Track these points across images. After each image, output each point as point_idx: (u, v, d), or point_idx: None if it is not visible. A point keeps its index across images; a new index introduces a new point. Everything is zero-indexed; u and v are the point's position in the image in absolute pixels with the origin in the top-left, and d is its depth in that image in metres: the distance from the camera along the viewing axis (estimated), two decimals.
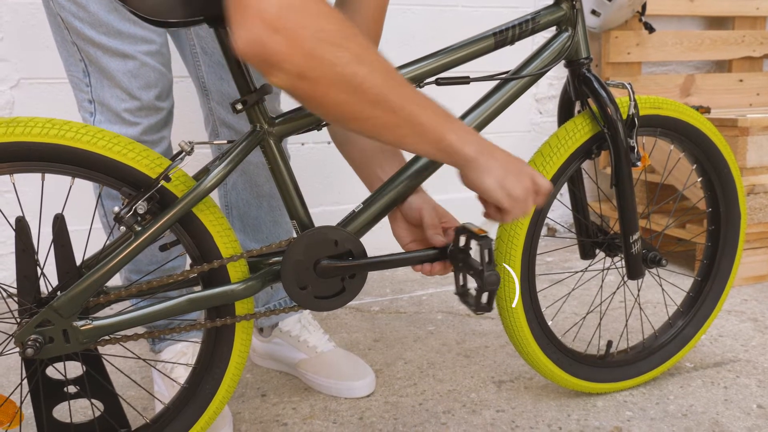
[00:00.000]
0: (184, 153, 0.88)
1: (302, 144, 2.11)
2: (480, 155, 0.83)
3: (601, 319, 1.42)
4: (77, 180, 0.89)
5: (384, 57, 0.75)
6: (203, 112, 1.30)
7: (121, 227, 0.86)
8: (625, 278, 1.20)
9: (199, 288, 0.95)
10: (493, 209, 0.91)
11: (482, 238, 0.91)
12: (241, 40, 0.67)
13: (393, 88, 0.75)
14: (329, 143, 2.13)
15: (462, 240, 0.95)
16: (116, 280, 1.14)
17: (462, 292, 0.96)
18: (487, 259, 0.91)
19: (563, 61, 1.11)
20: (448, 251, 0.98)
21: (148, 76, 1.09)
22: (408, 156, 1.04)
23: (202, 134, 1.35)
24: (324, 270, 0.94)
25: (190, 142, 0.88)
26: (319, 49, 0.68)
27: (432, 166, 1.02)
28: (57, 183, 1.06)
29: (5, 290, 0.89)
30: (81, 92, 1.10)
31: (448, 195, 1.02)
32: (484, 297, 0.93)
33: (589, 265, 1.32)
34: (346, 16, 1.03)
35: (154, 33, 1.09)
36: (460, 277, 0.98)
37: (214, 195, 0.97)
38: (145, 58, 1.08)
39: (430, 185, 1.07)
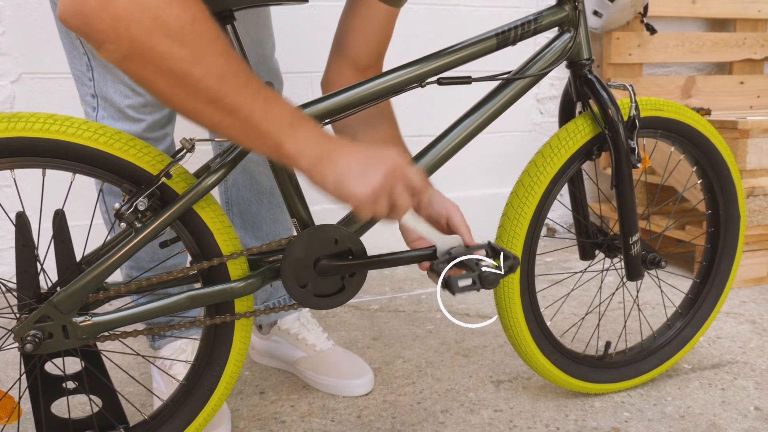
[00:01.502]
0: (185, 150, 0.88)
1: None
2: (315, 165, 0.78)
3: (599, 320, 1.42)
4: (78, 175, 0.89)
5: (230, 56, 0.70)
6: None
7: (122, 223, 0.86)
8: (625, 279, 1.20)
9: (198, 285, 0.95)
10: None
11: (510, 258, 0.91)
12: (64, 5, 0.62)
13: (231, 89, 0.70)
14: None
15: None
16: (116, 276, 1.14)
17: (435, 269, 0.94)
18: (504, 271, 0.91)
19: (565, 62, 1.11)
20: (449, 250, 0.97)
21: None
22: (412, 152, 1.04)
23: (203, 131, 1.35)
24: (324, 268, 0.94)
25: (191, 140, 0.88)
26: (150, 40, 0.63)
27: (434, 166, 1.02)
28: (58, 178, 1.06)
29: (5, 285, 0.89)
30: (84, 86, 1.10)
31: (450, 194, 1.02)
32: (463, 283, 0.91)
33: (589, 266, 1.32)
34: (354, 27, 1.03)
35: None
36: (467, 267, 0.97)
37: (215, 192, 0.97)
38: None
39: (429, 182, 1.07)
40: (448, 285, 0.88)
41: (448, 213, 1.00)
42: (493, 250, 0.95)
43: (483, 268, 0.90)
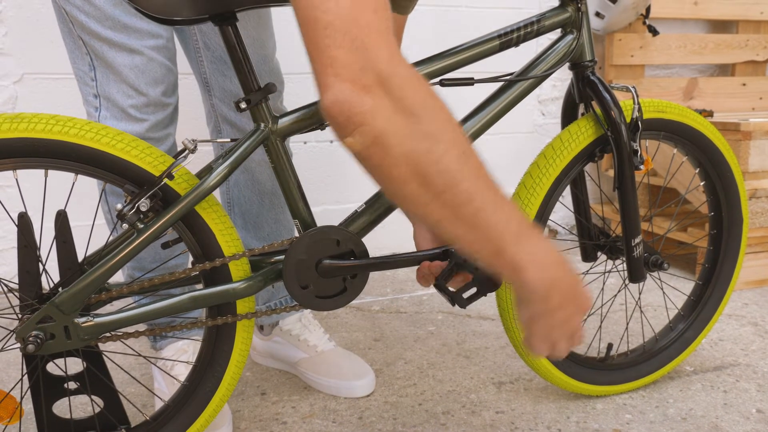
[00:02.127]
0: (187, 151, 0.88)
1: (305, 143, 2.11)
2: (541, 286, 0.72)
3: (601, 322, 1.42)
4: (80, 176, 0.89)
5: (466, 139, 0.68)
6: (205, 108, 1.30)
7: (124, 224, 0.86)
8: (627, 281, 1.20)
9: (200, 286, 0.95)
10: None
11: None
12: (330, 99, 0.63)
13: (465, 177, 0.66)
14: (332, 142, 2.13)
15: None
16: (118, 277, 1.14)
17: (438, 285, 0.94)
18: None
19: (568, 64, 1.10)
20: (449, 251, 0.97)
21: (155, 71, 1.08)
22: None
23: (205, 132, 1.35)
24: (326, 270, 0.94)
25: (193, 140, 0.88)
26: (399, 118, 0.64)
27: None
28: (60, 179, 1.06)
29: (7, 285, 0.89)
30: (86, 86, 1.10)
31: None
32: (468, 293, 0.91)
33: (591, 268, 1.31)
34: None
35: (160, 27, 1.08)
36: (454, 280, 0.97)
37: (216, 192, 0.97)
38: (152, 53, 1.07)
39: None
40: (455, 301, 0.89)
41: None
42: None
43: (482, 272, 0.91)
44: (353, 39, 0.62)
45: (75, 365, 0.92)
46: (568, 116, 1.19)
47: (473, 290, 0.90)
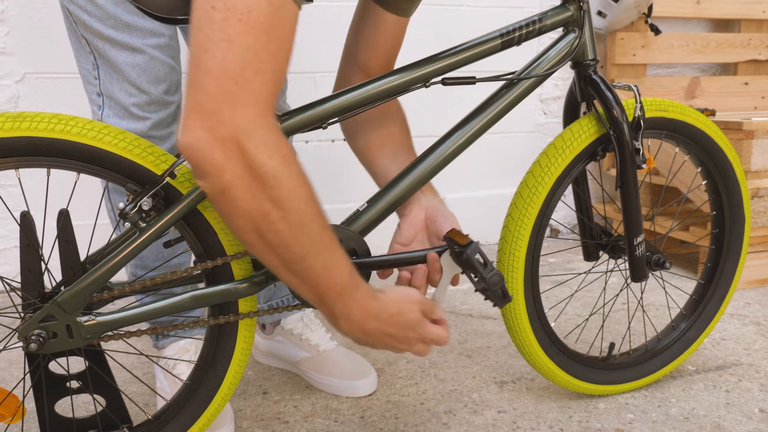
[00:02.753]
0: None
1: (306, 142, 2.11)
2: (353, 333, 0.84)
3: (603, 321, 1.42)
4: (82, 175, 0.89)
5: (312, 202, 0.74)
6: None
7: (126, 223, 0.86)
8: (629, 280, 1.20)
9: (202, 285, 0.95)
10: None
11: (467, 245, 0.91)
12: (187, 141, 0.66)
13: (302, 241, 0.74)
14: (333, 141, 2.13)
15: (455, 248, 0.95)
16: (121, 276, 1.14)
17: (482, 288, 0.95)
18: (482, 261, 0.91)
19: (569, 63, 1.10)
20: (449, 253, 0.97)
21: (157, 70, 1.08)
22: (418, 152, 1.04)
23: None
24: None
25: None
26: (245, 178, 0.67)
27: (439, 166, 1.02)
28: (62, 178, 1.06)
29: (9, 284, 0.89)
30: (90, 84, 1.10)
31: (445, 195, 1.02)
32: (499, 292, 0.93)
33: (593, 267, 1.31)
34: (364, 37, 1.06)
35: (162, 26, 1.08)
36: (472, 276, 0.97)
37: None
38: (154, 52, 1.07)
39: (434, 183, 1.06)
40: (471, 247, 0.91)
41: (438, 230, 1.02)
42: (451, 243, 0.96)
43: (490, 272, 0.90)
44: (225, 92, 0.65)
45: (77, 364, 0.92)
46: (570, 115, 1.19)
47: (481, 262, 0.91)
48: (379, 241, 1.22)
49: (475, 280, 0.94)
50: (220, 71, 0.65)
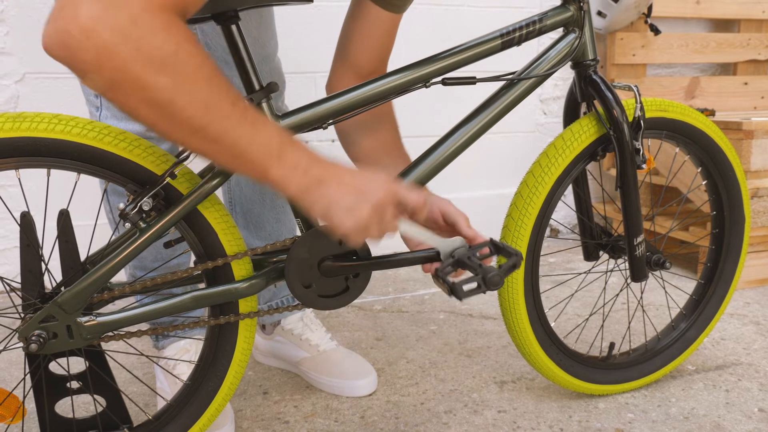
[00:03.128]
0: (189, 151, 0.88)
1: (306, 142, 2.11)
2: (303, 192, 0.77)
3: (603, 321, 1.42)
4: (83, 176, 0.89)
5: (217, 85, 0.68)
6: None
7: (126, 223, 0.86)
8: (629, 280, 1.20)
9: (202, 285, 0.95)
10: None
11: (513, 255, 0.91)
12: (48, 35, 0.61)
13: (214, 118, 0.68)
14: (333, 141, 2.13)
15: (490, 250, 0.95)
16: (121, 276, 1.14)
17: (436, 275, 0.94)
18: (506, 269, 0.91)
19: (570, 63, 1.10)
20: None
21: None
22: (417, 152, 1.04)
23: None
24: (328, 269, 0.94)
25: None
26: (132, 70, 0.62)
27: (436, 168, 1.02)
28: (62, 178, 1.06)
29: (9, 285, 0.89)
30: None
31: (455, 194, 1.02)
32: (468, 287, 0.91)
33: (593, 267, 1.31)
34: (356, 34, 1.04)
35: None
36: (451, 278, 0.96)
37: (218, 191, 0.97)
38: None
39: (426, 184, 1.06)
40: (454, 291, 0.88)
41: (442, 210, 1.00)
42: (496, 248, 0.95)
43: (486, 269, 0.90)
44: None
45: (77, 364, 0.92)
46: (570, 115, 1.19)
47: (473, 285, 0.89)
48: (382, 242, 1.22)
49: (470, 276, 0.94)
50: None
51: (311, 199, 0.78)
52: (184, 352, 1.24)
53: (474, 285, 0.89)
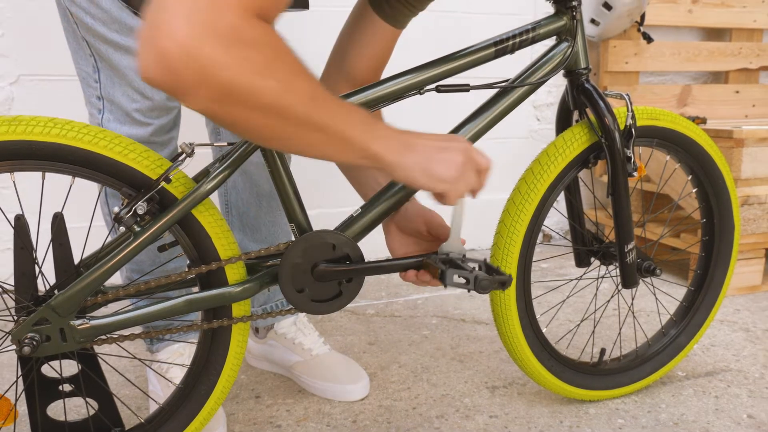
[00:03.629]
0: (184, 155, 0.88)
1: None
2: (401, 156, 0.81)
3: (594, 327, 1.43)
4: (77, 178, 0.89)
5: (311, 77, 0.70)
6: None
7: (121, 227, 0.86)
8: (620, 287, 1.21)
9: (196, 289, 0.96)
10: (435, 196, 0.90)
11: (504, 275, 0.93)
12: (150, 63, 0.58)
13: (319, 108, 0.70)
14: None
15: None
16: (116, 279, 1.14)
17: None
18: (497, 281, 0.92)
19: (562, 71, 1.12)
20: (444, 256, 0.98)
21: None
22: None
23: (203, 135, 1.36)
24: (321, 273, 0.94)
25: (190, 144, 0.88)
26: (241, 80, 0.61)
27: None
28: (57, 181, 1.06)
29: (2, 287, 0.89)
30: (89, 87, 1.09)
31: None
32: (458, 279, 0.93)
33: (584, 273, 1.32)
34: (355, 43, 1.06)
35: None
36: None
37: (214, 194, 0.97)
38: None
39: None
40: (443, 276, 0.91)
41: (427, 219, 1.01)
42: (487, 268, 0.96)
43: (479, 273, 0.91)
44: None
45: (69, 367, 0.92)
46: (563, 123, 1.20)
47: (463, 280, 0.91)
48: (374, 246, 1.23)
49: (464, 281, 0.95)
50: None
51: (409, 162, 0.81)
52: (178, 356, 1.24)
53: (463, 280, 0.91)
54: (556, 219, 2.56)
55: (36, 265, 0.87)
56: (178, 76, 0.58)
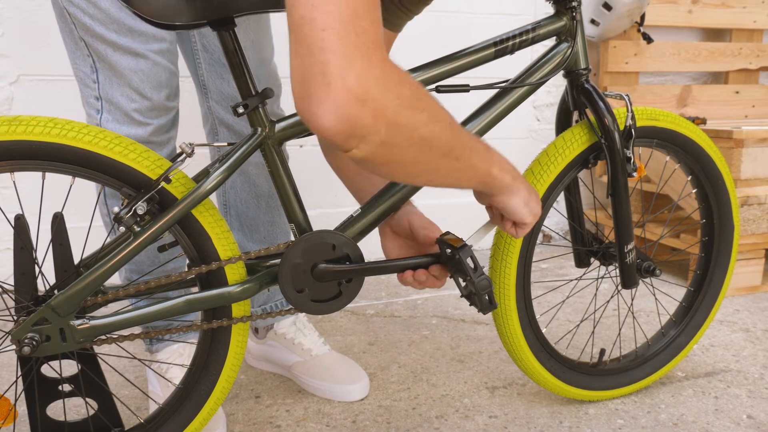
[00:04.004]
0: (184, 155, 0.88)
1: (301, 146, 2.12)
2: (514, 181, 0.89)
3: (594, 327, 1.43)
4: (77, 178, 0.89)
5: (443, 107, 0.76)
6: (202, 110, 1.30)
7: (121, 227, 0.86)
8: (619, 287, 1.21)
9: (196, 289, 0.96)
10: (509, 224, 0.96)
11: (460, 248, 0.92)
12: (328, 116, 0.62)
13: (457, 138, 0.76)
14: None
15: (446, 250, 0.96)
16: (115, 279, 1.14)
17: (467, 294, 0.97)
18: (472, 265, 0.92)
19: (562, 71, 1.12)
20: (441, 258, 0.98)
21: (159, 75, 1.07)
22: None
23: (202, 136, 1.36)
24: (321, 274, 0.94)
25: (190, 144, 0.88)
26: (402, 116, 0.66)
27: None
28: (57, 181, 1.06)
29: (2, 287, 0.89)
30: (87, 88, 1.09)
31: (437, 200, 1.02)
32: (486, 297, 0.94)
33: (584, 274, 1.32)
34: None
35: (164, 31, 1.08)
36: (460, 281, 0.98)
37: (213, 194, 0.97)
38: (157, 58, 1.06)
39: (422, 190, 1.07)
40: (456, 252, 0.92)
41: (411, 219, 1.02)
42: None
43: (483, 274, 0.92)
44: (350, 44, 0.61)
45: (69, 367, 0.92)
46: (563, 123, 1.20)
47: (471, 264, 0.93)
48: (374, 247, 1.23)
49: (463, 285, 0.95)
50: (339, 24, 0.60)
51: (516, 187, 0.90)
52: (178, 356, 1.24)
53: (472, 264, 0.93)
54: (556, 219, 2.56)
55: (36, 265, 0.87)
56: (356, 124, 0.62)
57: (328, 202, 2.15)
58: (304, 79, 0.62)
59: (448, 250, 0.95)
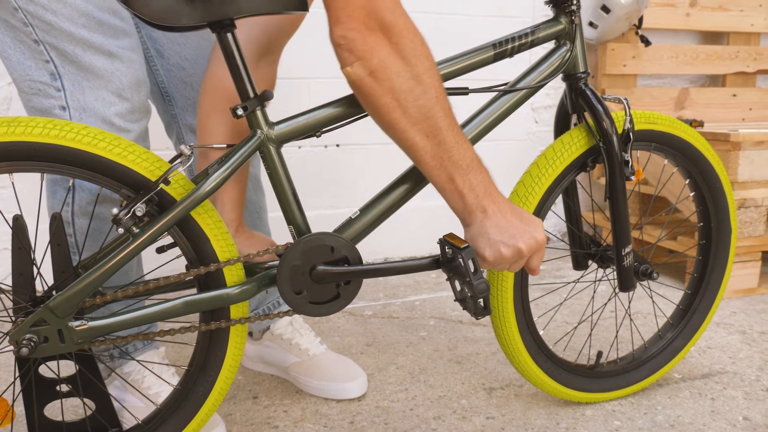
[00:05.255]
0: (183, 156, 0.88)
1: (299, 147, 2.12)
2: (468, 214, 0.90)
3: (591, 330, 1.43)
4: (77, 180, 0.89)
5: (440, 80, 0.87)
6: (163, 120, 1.25)
7: (119, 229, 0.86)
8: (617, 290, 1.21)
9: (195, 291, 0.96)
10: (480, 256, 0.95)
11: (462, 249, 0.92)
12: (342, 29, 0.80)
13: (434, 115, 0.85)
14: (326, 147, 2.14)
15: (447, 251, 0.96)
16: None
17: (461, 299, 0.97)
18: (472, 268, 0.92)
19: (561, 75, 1.12)
20: (439, 261, 0.98)
21: (136, 72, 0.99)
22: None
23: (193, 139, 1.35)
24: (320, 276, 0.95)
25: (190, 146, 0.88)
26: (392, 58, 0.81)
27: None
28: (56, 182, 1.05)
29: (0, 288, 0.89)
30: (48, 98, 0.97)
31: (437, 200, 1.02)
32: (480, 302, 0.94)
33: (582, 276, 1.33)
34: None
35: (129, 24, 1.00)
36: (456, 284, 0.99)
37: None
38: (131, 54, 0.99)
39: (421, 191, 1.07)
40: (459, 251, 0.92)
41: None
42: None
43: (482, 277, 0.92)
44: None
45: (67, 367, 0.92)
46: (561, 126, 1.21)
47: (472, 267, 0.92)
48: (372, 248, 1.23)
49: (458, 289, 0.95)
50: None
51: (469, 221, 0.92)
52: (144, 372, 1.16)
53: (472, 267, 0.92)
54: (554, 222, 2.56)
55: (34, 266, 0.87)
56: (357, 41, 0.82)
57: (327, 203, 2.16)
58: (333, 10, 0.81)
59: (449, 251, 0.95)
